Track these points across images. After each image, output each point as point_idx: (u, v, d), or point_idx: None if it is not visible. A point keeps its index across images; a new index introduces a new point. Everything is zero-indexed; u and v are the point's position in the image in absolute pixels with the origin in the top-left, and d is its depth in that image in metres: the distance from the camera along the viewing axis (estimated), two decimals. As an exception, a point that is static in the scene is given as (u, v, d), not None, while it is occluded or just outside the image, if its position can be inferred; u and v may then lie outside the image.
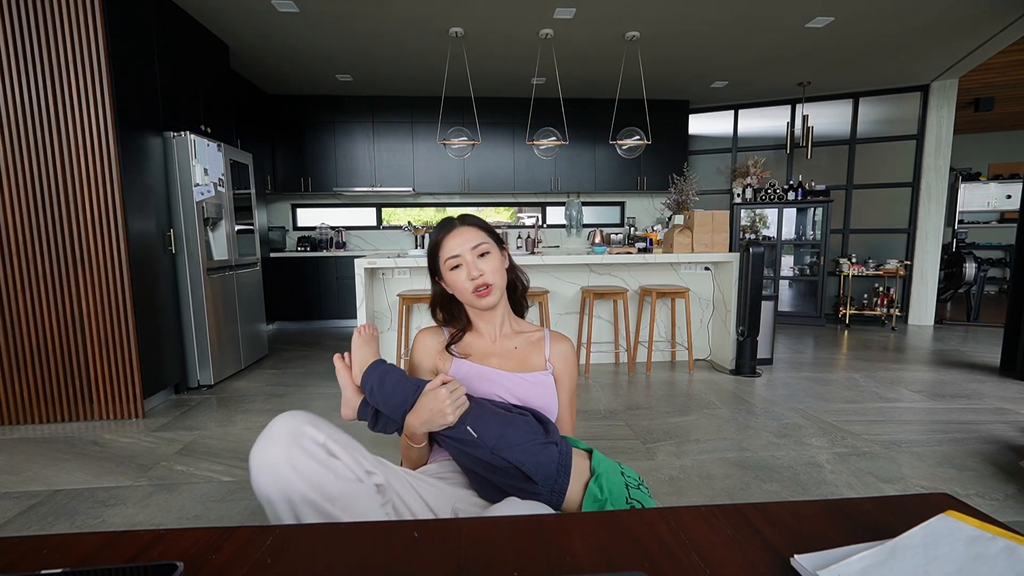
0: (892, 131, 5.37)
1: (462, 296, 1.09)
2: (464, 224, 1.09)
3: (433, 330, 1.15)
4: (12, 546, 0.53)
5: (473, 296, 1.06)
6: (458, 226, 1.08)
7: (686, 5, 3.50)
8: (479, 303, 1.07)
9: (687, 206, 4.30)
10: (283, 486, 0.74)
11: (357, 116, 5.47)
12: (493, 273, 1.06)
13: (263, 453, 0.76)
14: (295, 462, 0.75)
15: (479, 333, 1.14)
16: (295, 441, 0.76)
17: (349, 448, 0.81)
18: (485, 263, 1.06)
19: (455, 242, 1.06)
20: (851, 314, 5.29)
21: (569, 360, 1.14)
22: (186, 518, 1.73)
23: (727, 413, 2.72)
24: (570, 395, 1.15)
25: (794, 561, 0.49)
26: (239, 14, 3.50)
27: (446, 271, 1.08)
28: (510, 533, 0.56)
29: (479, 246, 1.06)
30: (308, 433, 0.78)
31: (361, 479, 0.80)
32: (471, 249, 1.06)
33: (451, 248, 1.06)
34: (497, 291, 1.07)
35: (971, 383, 3.20)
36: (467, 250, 1.06)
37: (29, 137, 2.45)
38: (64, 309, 2.58)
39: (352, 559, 0.51)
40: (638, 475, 0.99)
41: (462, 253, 1.06)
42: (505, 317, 1.15)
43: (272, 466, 0.74)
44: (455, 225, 1.09)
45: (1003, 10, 3.64)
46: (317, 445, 0.78)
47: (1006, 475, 1.98)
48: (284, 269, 5.29)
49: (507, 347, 1.13)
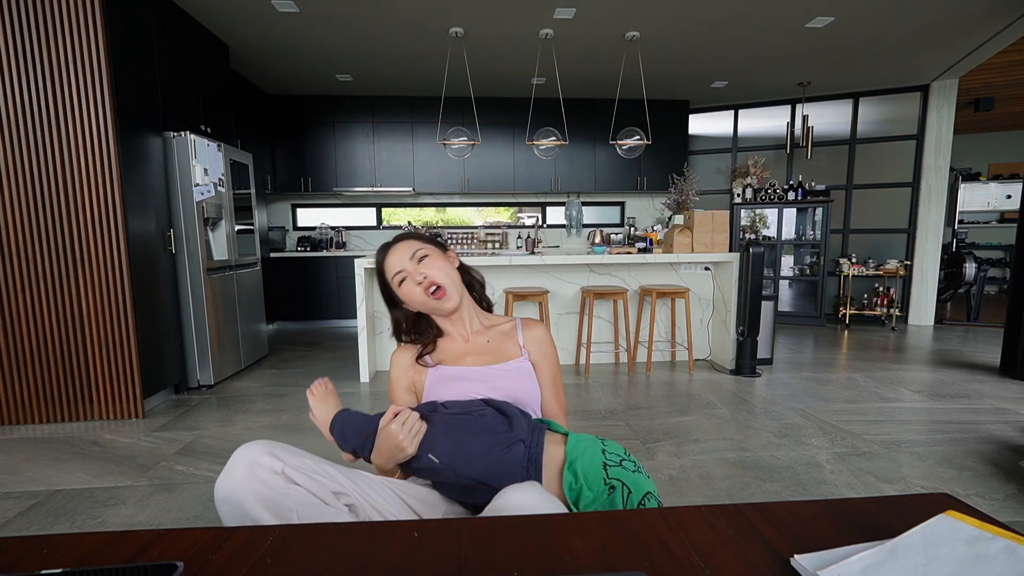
0: (892, 131, 5.37)
1: (421, 306, 1.10)
2: (399, 241, 1.12)
3: (407, 347, 1.16)
4: (12, 546, 0.53)
5: (430, 300, 1.07)
6: (393, 245, 1.11)
7: (686, 5, 3.50)
8: (439, 306, 1.08)
9: (687, 206, 4.30)
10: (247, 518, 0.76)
11: (357, 116, 5.47)
12: (438, 273, 1.07)
13: (223, 485, 0.78)
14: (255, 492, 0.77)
15: (452, 337, 1.15)
16: (251, 473, 0.78)
17: (311, 472, 0.83)
18: (426, 266, 1.07)
19: (394, 259, 1.09)
20: (851, 314, 5.28)
21: (544, 343, 1.14)
22: (186, 518, 1.73)
23: (727, 413, 2.72)
24: (552, 379, 1.14)
25: (794, 561, 0.49)
26: (239, 14, 3.50)
27: (397, 289, 1.09)
28: (510, 533, 0.56)
29: (416, 252, 1.08)
30: (265, 463, 0.80)
31: (327, 502, 0.82)
32: (409, 258, 1.08)
33: (392, 265, 1.09)
34: (452, 291, 1.08)
35: (971, 383, 3.20)
36: (406, 260, 1.08)
37: (29, 137, 2.45)
38: (64, 309, 2.58)
39: (352, 559, 0.51)
40: (624, 449, 0.95)
41: (403, 266, 1.07)
42: (472, 315, 1.17)
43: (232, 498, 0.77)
44: (391, 245, 1.12)
45: (1003, 10, 3.64)
46: (275, 474, 0.80)
47: (1006, 475, 1.98)
48: (284, 269, 5.29)
49: (480, 343, 1.14)
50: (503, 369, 1.09)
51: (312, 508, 0.80)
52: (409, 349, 1.14)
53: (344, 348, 4.33)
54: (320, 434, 1.05)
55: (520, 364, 1.10)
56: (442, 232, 5.92)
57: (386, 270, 1.10)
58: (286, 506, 0.78)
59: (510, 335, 1.15)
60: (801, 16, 3.68)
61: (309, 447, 0.84)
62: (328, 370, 3.67)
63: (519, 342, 1.14)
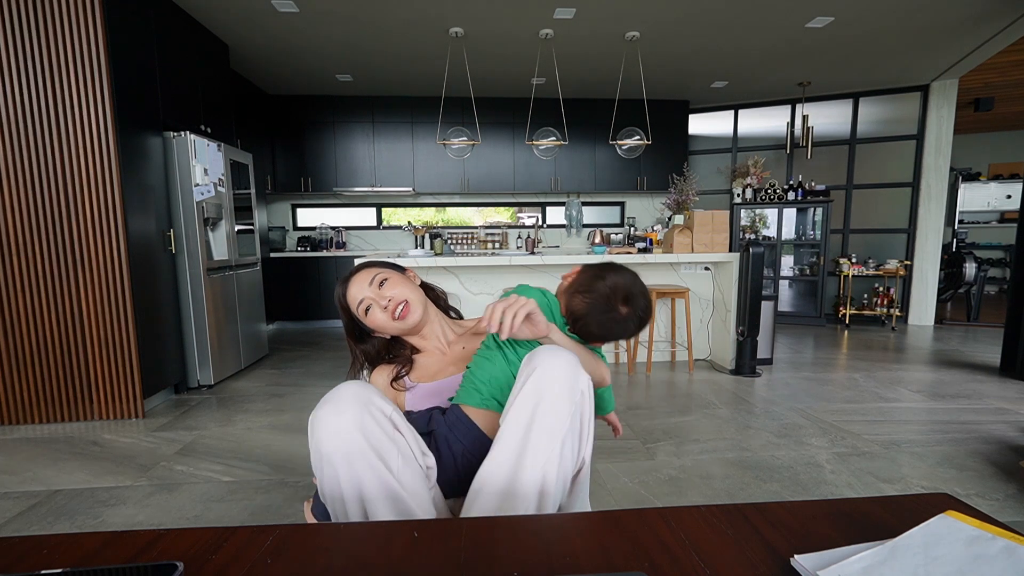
0: (892, 131, 5.37)
1: (391, 330, 1.09)
2: (355, 272, 1.11)
3: (383, 368, 1.14)
4: (12, 546, 0.53)
5: (397, 322, 1.06)
6: (351, 277, 1.10)
7: (686, 5, 3.50)
8: (405, 324, 1.07)
9: (687, 206, 4.30)
10: (349, 450, 0.73)
11: (357, 116, 5.47)
12: (401, 291, 1.07)
13: (332, 418, 0.74)
14: (365, 429, 0.74)
15: (429, 352, 1.14)
16: (365, 408, 0.75)
17: (407, 426, 0.82)
18: (388, 289, 1.07)
19: (355, 289, 1.08)
20: (851, 314, 5.28)
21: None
22: (186, 518, 1.73)
23: (727, 413, 2.72)
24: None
25: (794, 561, 0.49)
26: (239, 14, 3.50)
27: (363, 318, 1.08)
28: (510, 533, 0.56)
29: (375, 278, 1.08)
30: (376, 403, 0.77)
31: (417, 459, 0.80)
32: (369, 284, 1.07)
33: (355, 296, 1.08)
34: (416, 305, 1.08)
35: (971, 383, 3.20)
36: (366, 288, 1.07)
37: (29, 137, 2.45)
38: (64, 309, 2.58)
39: (352, 559, 0.51)
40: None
41: (365, 294, 1.07)
42: (444, 327, 1.17)
43: (341, 432, 0.73)
44: (349, 278, 1.11)
45: (1003, 10, 3.64)
46: (384, 416, 0.77)
47: (1006, 475, 1.98)
48: (284, 269, 5.29)
49: (457, 351, 1.14)
50: None
51: (407, 460, 0.77)
52: (385, 370, 1.12)
53: (344, 348, 4.31)
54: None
55: None
56: (442, 232, 5.92)
57: (349, 302, 1.08)
58: (390, 450, 0.75)
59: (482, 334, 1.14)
60: (801, 16, 3.68)
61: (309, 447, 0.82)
62: (328, 370, 3.67)
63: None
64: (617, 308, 0.96)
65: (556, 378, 0.78)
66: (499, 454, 0.78)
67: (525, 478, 0.75)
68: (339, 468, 0.73)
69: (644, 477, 1.99)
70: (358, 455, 0.73)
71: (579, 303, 0.99)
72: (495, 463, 0.78)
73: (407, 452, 0.79)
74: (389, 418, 0.78)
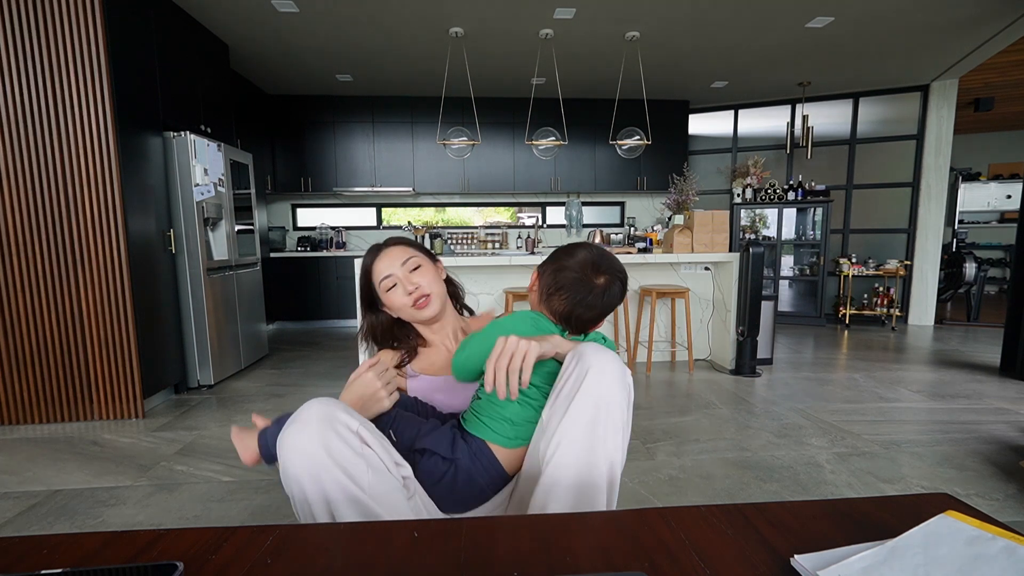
0: (892, 131, 5.37)
1: (404, 314, 1.08)
2: (390, 245, 1.10)
3: (388, 352, 1.14)
4: (12, 546, 0.53)
5: (414, 310, 1.06)
6: (385, 248, 1.09)
7: (686, 5, 3.50)
8: (420, 315, 1.07)
9: (687, 206, 4.30)
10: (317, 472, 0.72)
11: (357, 116, 5.47)
12: (429, 284, 1.07)
13: (296, 436, 0.73)
14: (330, 447, 0.73)
15: (435, 347, 1.14)
16: (329, 426, 0.74)
17: (378, 438, 0.81)
18: (419, 276, 1.06)
19: (384, 263, 1.07)
20: (851, 314, 5.28)
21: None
22: (186, 518, 1.73)
23: (727, 413, 2.72)
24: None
25: (794, 561, 0.49)
26: (239, 14, 3.50)
27: (383, 293, 1.08)
28: (510, 533, 0.56)
29: (409, 261, 1.07)
30: (342, 419, 0.76)
31: (390, 470, 0.79)
32: (401, 265, 1.06)
33: (382, 270, 1.07)
34: (437, 300, 1.07)
35: (971, 383, 3.20)
36: (398, 267, 1.06)
37: (29, 137, 2.45)
38: (64, 309, 2.58)
39: (352, 559, 0.51)
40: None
41: (393, 272, 1.06)
42: (456, 325, 1.17)
43: (305, 451, 0.72)
44: (382, 248, 1.10)
45: (1003, 10, 3.64)
46: (351, 432, 0.76)
47: (1006, 475, 1.98)
48: (284, 269, 5.29)
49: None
50: None
51: (379, 474, 0.76)
52: (388, 353, 1.13)
53: (344, 348, 4.33)
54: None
55: None
56: (442, 232, 5.92)
57: (374, 273, 1.08)
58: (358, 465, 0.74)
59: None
60: (801, 16, 3.68)
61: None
62: (328, 370, 3.67)
63: None
64: (595, 283, 0.94)
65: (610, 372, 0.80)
66: (568, 449, 0.78)
67: (598, 470, 0.78)
68: (306, 487, 0.72)
69: (644, 477, 1.99)
70: (324, 472, 0.72)
71: (559, 303, 0.96)
72: (567, 457, 0.78)
73: (378, 465, 0.77)
74: (356, 433, 0.76)
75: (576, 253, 0.98)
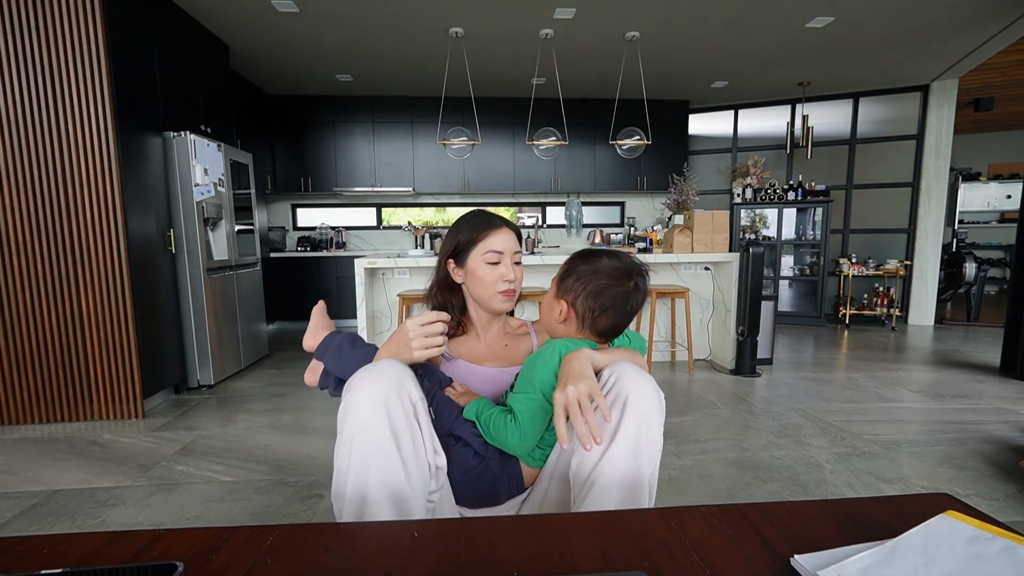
0: (892, 131, 5.37)
1: (483, 290, 1.07)
2: (510, 228, 1.10)
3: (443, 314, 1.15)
4: (12, 546, 0.53)
5: (499, 296, 1.06)
6: (504, 227, 1.08)
7: (686, 5, 3.50)
8: (501, 305, 1.07)
9: (687, 206, 4.30)
10: (367, 420, 0.75)
11: (357, 116, 5.47)
12: (521, 282, 1.09)
13: (364, 382, 0.77)
14: (389, 406, 0.76)
15: (475, 336, 1.15)
16: (395, 387, 0.77)
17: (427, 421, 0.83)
18: (519, 271, 1.09)
19: (502, 239, 1.06)
20: (851, 314, 5.28)
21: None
22: (186, 518, 1.73)
23: (727, 413, 2.72)
24: None
25: (794, 561, 0.49)
26: (239, 14, 3.50)
27: (479, 261, 1.06)
28: (510, 533, 0.56)
29: (517, 253, 1.09)
30: (407, 386, 0.79)
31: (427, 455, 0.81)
32: (513, 253, 1.08)
33: (497, 243, 1.06)
34: (516, 298, 1.10)
35: (971, 383, 3.20)
36: (510, 252, 1.07)
37: (29, 137, 2.45)
38: (64, 309, 2.58)
39: (352, 559, 0.51)
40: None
41: (506, 252, 1.06)
42: (503, 320, 1.18)
43: (366, 400, 0.76)
44: (501, 224, 1.09)
45: (1003, 10, 3.64)
46: (410, 402, 0.79)
47: (1006, 475, 1.98)
48: (284, 269, 5.29)
49: (499, 347, 1.15)
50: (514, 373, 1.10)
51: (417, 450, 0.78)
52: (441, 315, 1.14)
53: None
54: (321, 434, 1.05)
55: None
56: (442, 232, 5.91)
57: (486, 241, 1.05)
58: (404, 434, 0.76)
59: (524, 338, 1.18)
60: (801, 16, 3.68)
61: (309, 447, 0.83)
62: (328, 370, 3.66)
63: (533, 343, 1.16)
64: (632, 289, 0.93)
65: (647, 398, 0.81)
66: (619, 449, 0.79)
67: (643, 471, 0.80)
68: (356, 432, 0.75)
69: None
70: (375, 425, 0.75)
71: (605, 322, 0.93)
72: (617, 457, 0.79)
73: (419, 442, 0.80)
74: (413, 405, 0.79)
75: (600, 265, 0.95)
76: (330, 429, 2.49)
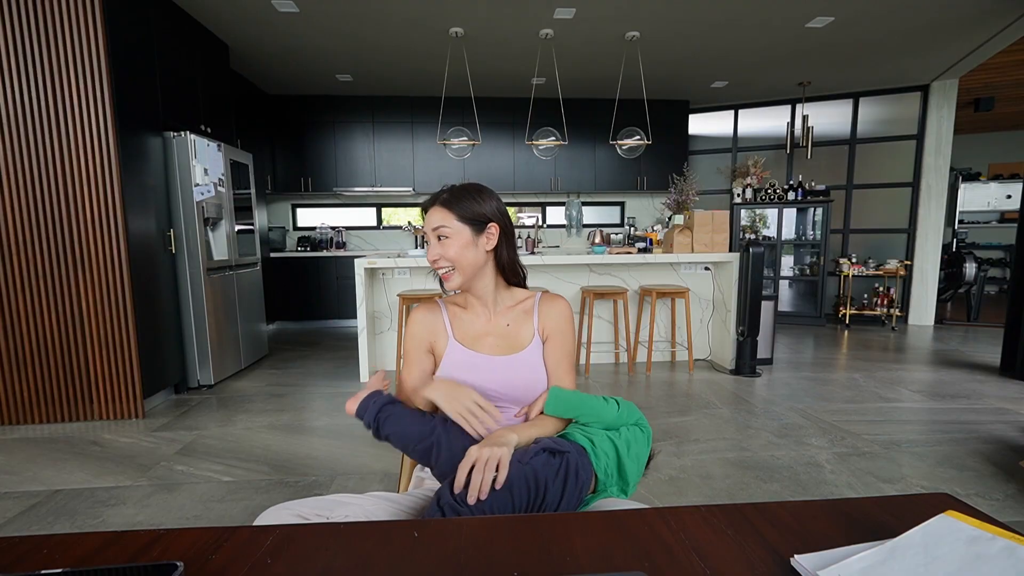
0: (892, 131, 5.37)
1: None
2: (433, 204, 1.06)
3: (428, 306, 1.12)
4: (12, 546, 0.53)
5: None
6: (430, 205, 1.06)
7: (686, 5, 3.50)
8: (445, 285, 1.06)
9: (687, 206, 4.30)
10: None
11: (357, 116, 5.47)
12: (456, 255, 1.03)
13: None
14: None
15: (474, 312, 1.11)
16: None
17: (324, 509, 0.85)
18: (443, 247, 1.03)
19: (427, 220, 1.06)
20: (851, 314, 5.28)
21: (559, 319, 1.10)
22: (186, 518, 1.73)
23: (727, 413, 2.72)
24: (562, 354, 1.09)
25: (794, 561, 0.49)
26: (239, 14, 3.50)
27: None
28: (510, 533, 0.56)
29: (437, 229, 1.03)
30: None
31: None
32: (432, 231, 1.04)
33: (425, 224, 1.07)
34: (458, 275, 1.04)
35: (971, 383, 3.20)
36: (430, 231, 1.04)
37: (29, 137, 2.45)
38: (64, 309, 2.58)
39: (352, 559, 0.51)
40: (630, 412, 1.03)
41: (428, 231, 1.05)
42: (498, 296, 1.11)
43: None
44: (428, 204, 1.07)
45: (1003, 10, 3.64)
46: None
47: (1006, 475, 1.98)
48: (284, 269, 5.29)
49: (500, 326, 1.10)
50: (513, 360, 1.06)
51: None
52: (432, 310, 1.11)
53: (344, 348, 4.33)
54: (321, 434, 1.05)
55: (528, 357, 1.07)
56: (442, 232, 5.91)
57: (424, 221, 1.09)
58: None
59: (528, 315, 1.11)
60: (801, 16, 3.68)
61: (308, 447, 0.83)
62: (329, 370, 3.67)
63: (534, 324, 1.10)
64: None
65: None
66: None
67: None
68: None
69: (644, 478, 1.99)
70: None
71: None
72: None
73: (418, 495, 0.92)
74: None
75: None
76: (330, 429, 2.49)
